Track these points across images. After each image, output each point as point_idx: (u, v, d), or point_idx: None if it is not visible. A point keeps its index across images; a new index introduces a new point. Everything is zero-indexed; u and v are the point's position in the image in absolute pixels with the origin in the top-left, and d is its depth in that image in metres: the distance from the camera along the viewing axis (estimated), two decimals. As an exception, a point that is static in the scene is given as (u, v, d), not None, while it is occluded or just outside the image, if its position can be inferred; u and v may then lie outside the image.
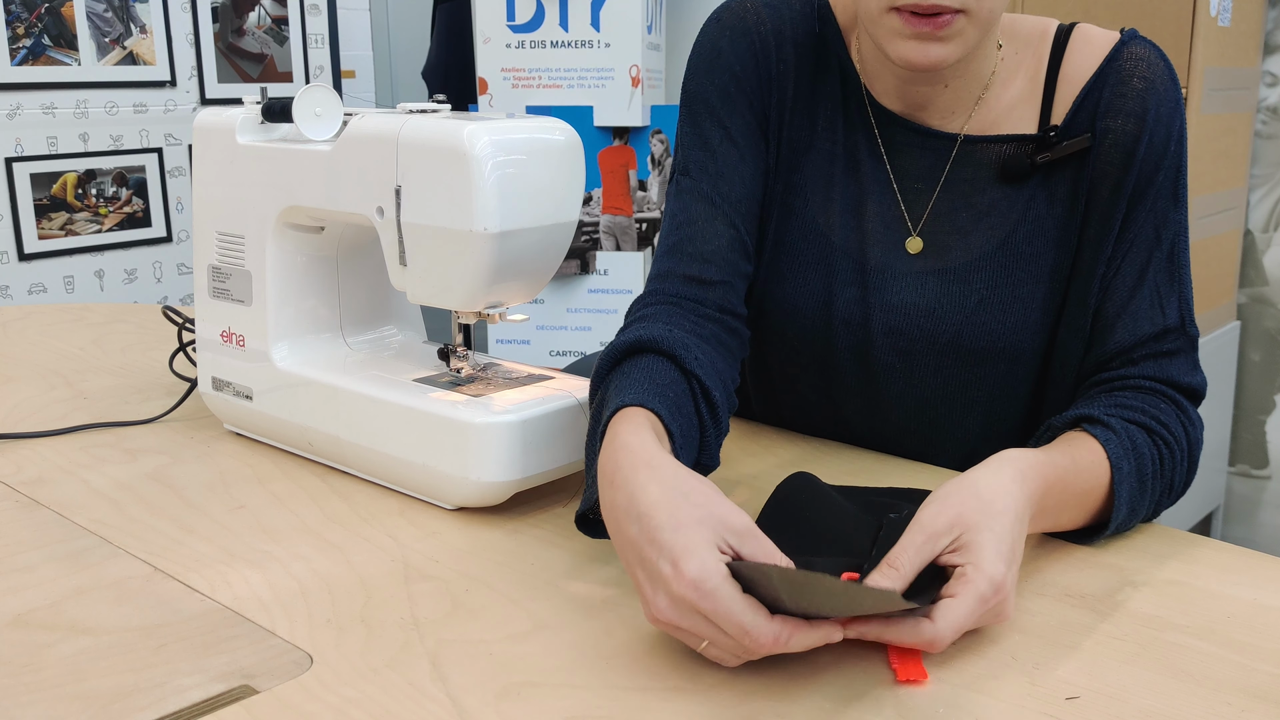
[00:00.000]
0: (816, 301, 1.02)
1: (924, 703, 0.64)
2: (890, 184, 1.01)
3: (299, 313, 1.05)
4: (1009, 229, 0.98)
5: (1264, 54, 2.46)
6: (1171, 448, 0.88)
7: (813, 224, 1.02)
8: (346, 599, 0.77)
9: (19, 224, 2.73)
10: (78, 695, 0.65)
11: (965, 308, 0.98)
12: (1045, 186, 0.97)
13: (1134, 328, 0.94)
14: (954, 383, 1.01)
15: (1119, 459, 0.84)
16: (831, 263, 1.01)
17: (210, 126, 1.07)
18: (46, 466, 1.02)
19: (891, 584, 0.68)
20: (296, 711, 0.63)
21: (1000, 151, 0.98)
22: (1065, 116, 0.97)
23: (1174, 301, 0.95)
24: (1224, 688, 0.66)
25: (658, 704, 0.64)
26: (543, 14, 2.86)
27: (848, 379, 1.04)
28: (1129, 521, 0.86)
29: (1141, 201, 0.95)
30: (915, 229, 1.00)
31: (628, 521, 0.68)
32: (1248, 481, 2.59)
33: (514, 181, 0.88)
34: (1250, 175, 2.50)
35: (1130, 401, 0.91)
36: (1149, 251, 0.95)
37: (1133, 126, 0.94)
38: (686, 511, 0.66)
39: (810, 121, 1.03)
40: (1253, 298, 2.53)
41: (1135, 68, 0.95)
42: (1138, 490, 0.85)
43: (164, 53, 2.94)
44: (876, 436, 1.06)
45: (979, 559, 0.69)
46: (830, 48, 1.02)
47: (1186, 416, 0.92)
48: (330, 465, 1.02)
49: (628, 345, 0.86)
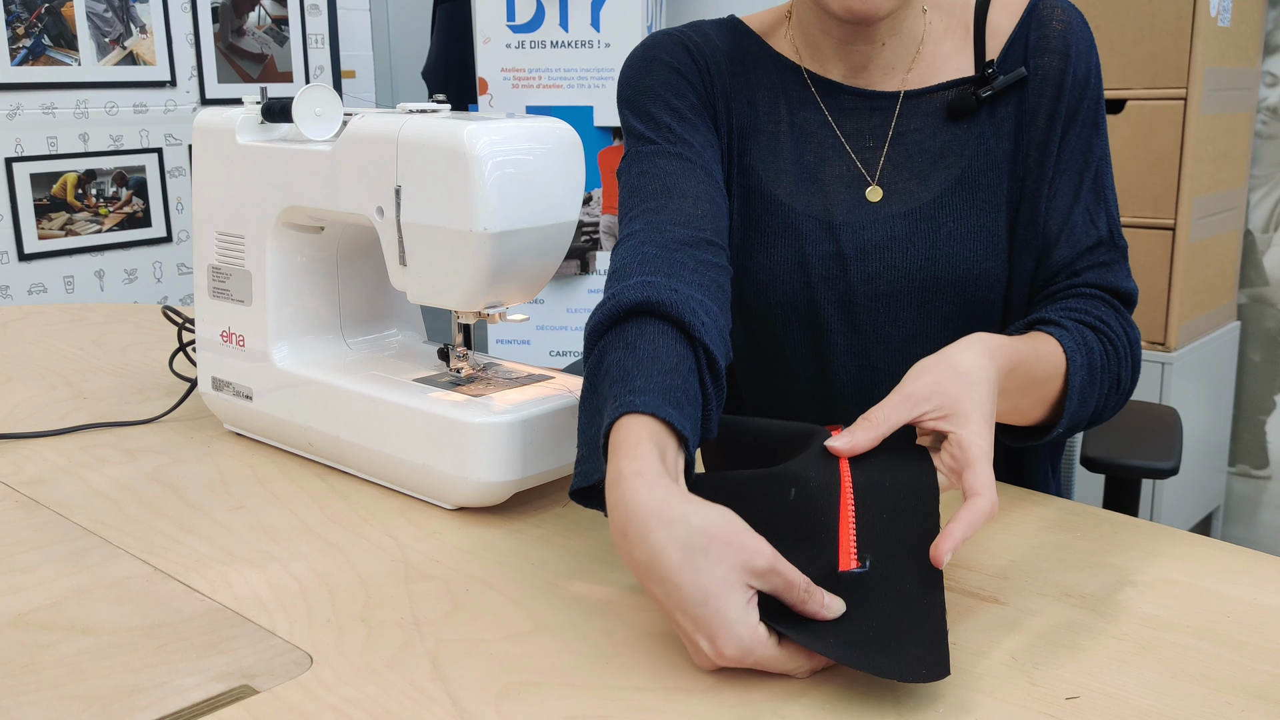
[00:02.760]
0: (791, 266, 1.08)
1: (924, 703, 0.64)
2: (843, 146, 1.09)
3: (299, 313, 1.05)
4: (964, 165, 1.06)
5: (1264, 54, 2.46)
6: (1116, 345, 0.98)
7: (771, 197, 1.09)
8: (346, 599, 0.77)
9: (19, 224, 2.73)
10: (78, 695, 0.65)
11: (936, 240, 1.05)
12: (991, 123, 1.06)
13: (1073, 242, 1.04)
14: (935, 316, 1.07)
15: (1073, 351, 0.93)
16: (799, 228, 1.07)
17: (210, 126, 1.07)
18: (46, 466, 1.02)
19: (866, 433, 0.78)
20: (296, 711, 0.63)
21: (943, 97, 1.08)
22: (998, 57, 1.07)
23: (1103, 217, 1.06)
24: (1224, 688, 0.66)
25: (658, 704, 0.64)
26: (543, 14, 2.86)
27: (834, 334, 1.09)
28: (1079, 412, 0.94)
29: (1070, 128, 1.05)
30: (874, 179, 1.07)
31: (651, 582, 0.68)
32: (1248, 481, 2.59)
33: (514, 181, 0.88)
34: (1250, 175, 2.50)
35: (1076, 305, 1.01)
36: (1079, 174, 1.06)
37: (1058, 62, 1.05)
38: (709, 574, 0.65)
39: (751, 109, 1.11)
40: (1253, 298, 2.53)
41: (1052, 13, 1.07)
42: (1088, 381, 0.94)
43: (164, 53, 2.94)
44: (864, 387, 1.10)
45: (965, 424, 0.77)
46: (756, 52, 1.12)
47: (1125, 319, 1.02)
48: (330, 465, 1.02)
49: (632, 304, 0.83)
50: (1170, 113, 2.18)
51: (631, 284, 0.85)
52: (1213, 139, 2.26)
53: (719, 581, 0.65)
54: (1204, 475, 2.47)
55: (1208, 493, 2.51)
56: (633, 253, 0.92)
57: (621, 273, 0.90)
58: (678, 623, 0.67)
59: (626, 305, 0.83)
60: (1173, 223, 2.21)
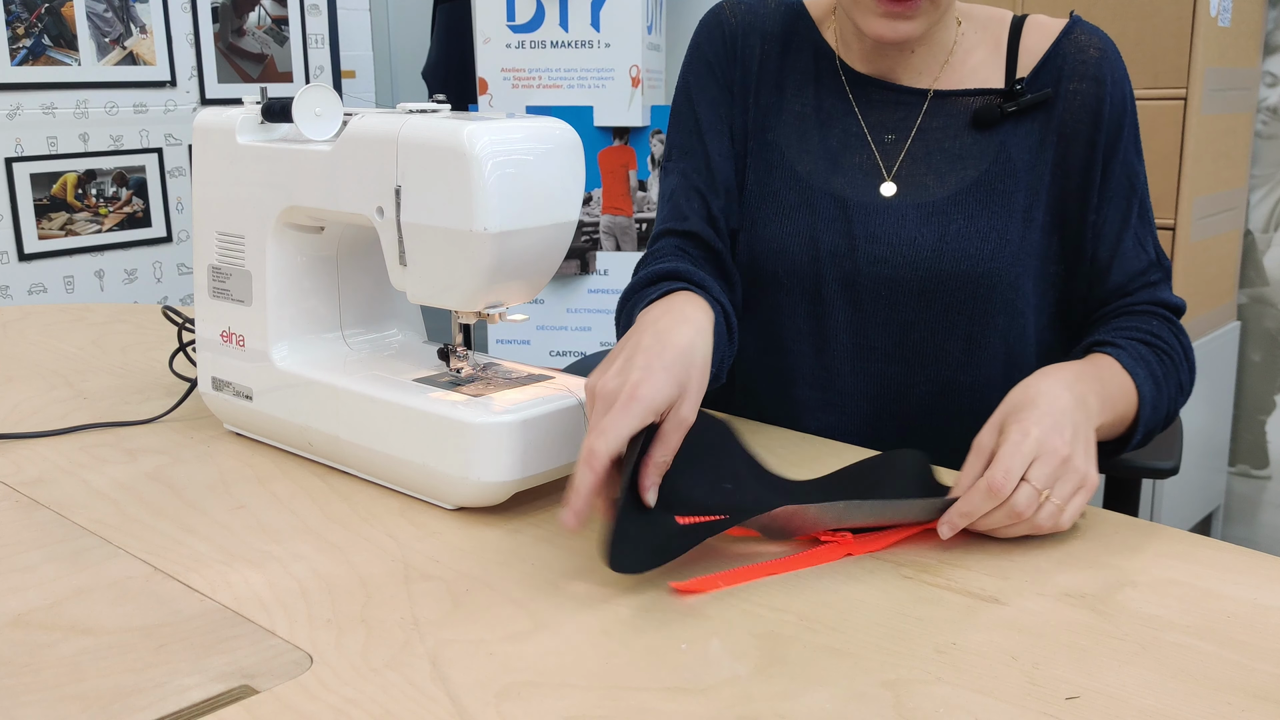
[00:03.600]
0: (803, 239, 1.13)
1: (924, 703, 0.64)
2: (865, 136, 1.14)
3: (299, 313, 1.05)
4: (982, 169, 1.10)
5: (1264, 54, 2.45)
6: (1170, 354, 1.04)
7: (791, 171, 1.14)
8: (346, 599, 0.77)
9: (19, 224, 2.73)
10: (78, 695, 0.65)
11: (945, 236, 1.09)
12: (1014, 135, 1.11)
13: (1125, 266, 1.10)
14: (936, 307, 1.10)
15: (1133, 366, 0.99)
16: (814, 204, 1.13)
17: (210, 126, 1.07)
18: (46, 466, 1.02)
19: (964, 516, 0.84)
20: (296, 711, 0.63)
21: (970, 103, 1.12)
22: (1029, 75, 1.11)
23: (1149, 240, 1.11)
24: (1224, 688, 0.66)
25: (658, 704, 0.64)
26: (543, 14, 2.86)
27: (835, 309, 1.13)
28: (1153, 419, 0.99)
29: (1113, 156, 1.10)
30: (889, 175, 1.12)
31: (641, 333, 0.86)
32: (1248, 481, 2.59)
33: (514, 181, 0.88)
34: (1250, 175, 2.50)
35: (1128, 324, 1.06)
36: (1127, 199, 1.10)
37: (1094, 89, 1.09)
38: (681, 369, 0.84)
39: (778, 90, 1.17)
40: (1253, 298, 2.53)
41: (1089, 40, 1.11)
42: (1155, 392, 0.99)
43: (164, 53, 2.94)
44: (859, 363, 1.14)
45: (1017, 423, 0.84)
46: (803, 34, 1.19)
47: (1176, 328, 1.08)
48: (330, 465, 1.02)
49: (663, 272, 1.04)
50: (1170, 113, 2.18)
51: (651, 266, 1.07)
52: (1213, 139, 2.26)
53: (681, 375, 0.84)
54: (1204, 475, 2.47)
55: (1208, 493, 2.51)
56: (649, 257, 1.14)
57: (639, 268, 1.11)
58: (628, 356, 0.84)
59: (658, 273, 1.04)
60: (1173, 223, 2.21)
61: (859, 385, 1.14)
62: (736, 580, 0.79)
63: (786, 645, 0.70)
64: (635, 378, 0.81)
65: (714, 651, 0.69)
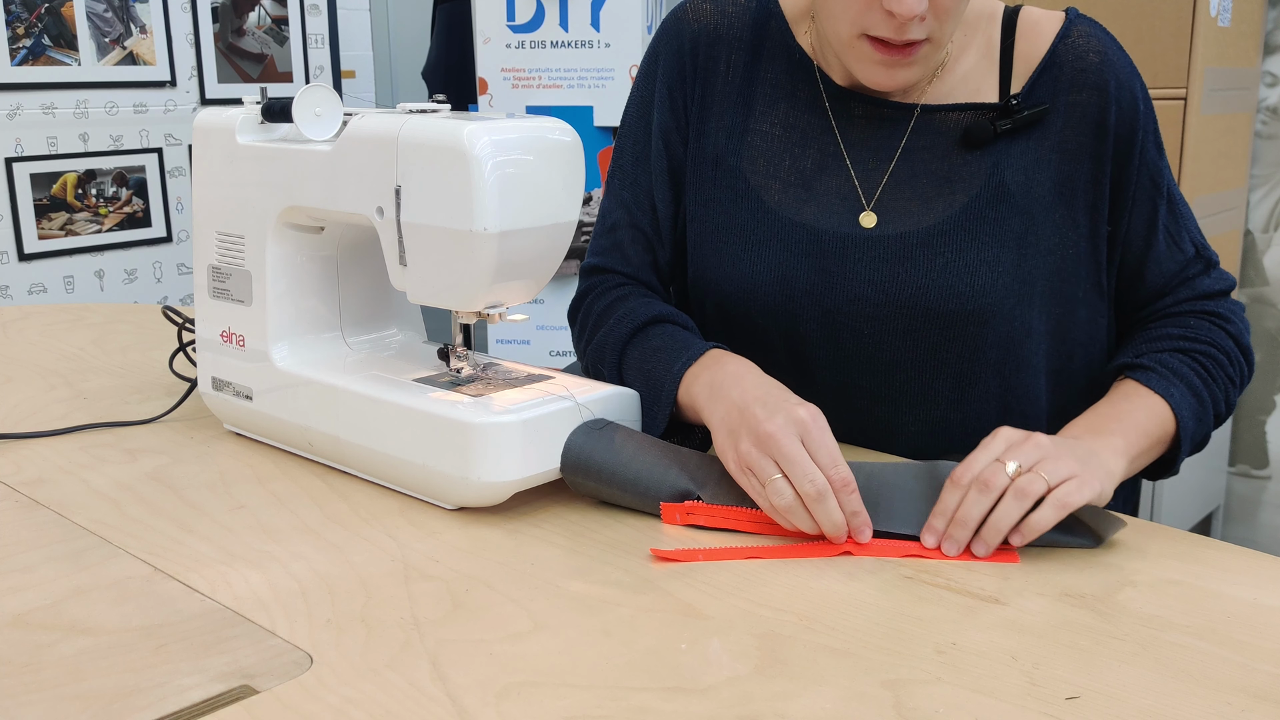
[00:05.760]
0: (774, 277, 1.04)
1: (924, 703, 0.64)
2: (843, 157, 1.04)
3: (299, 313, 1.05)
4: (971, 194, 1.01)
5: (1264, 54, 2.45)
6: (1211, 352, 1.00)
7: (758, 202, 1.05)
8: (346, 599, 0.77)
9: (19, 224, 2.73)
10: (78, 695, 0.65)
11: (931, 271, 1.00)
12: (1007, 154, 1.01)
13: (1159, 269, 1.04)
14: (924, 345, 1.03)
15: (1165, 387, 0.95)
16: (784, 237, 1.04)
17: (210, 126, 1.07)
18: (46, 466, 1.02)
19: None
20: (296, 711, 0.63)
21: (960, 119, 1.03)
22: (1024, 88, 1.02)
23: (1184, 237, 1.05)
24: (1224, 688, 0.66)
25: (658, 704, 0.64)
26: (543, 14, 2.85)
27: (817, 350, 1.05)
28: (1199, 430, 0.97)
29: (1129, 161, 1.02)
30: (869, 203, 1.03)
31: (734, 390, 0.90)
32: (1248, 481, 2.59)
33: (514, 181, 0.88)
34: (1250, 175, 2.50)
35: (1160, 331, 1.02)
36: (1153, 201, 1.03)
37: (1097, 99, 1.01)
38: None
39: (745, 107, 1.08)
40: (1253, 298, 2.53)
41: (1088, 44, 1.02)
42: (1195, 402, 0.96)
43: (164, 53, 2.94)
44: (847, 404, 1.06)
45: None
46: (776, 39, 1.08)
47: (1219, 318, 1.03)
48: (330, 465, 1.02)
49: (652, 316, 1.03)
50: (1170, 112, 2.18)
51: (627, 303, 1.07)
52: (1213, 139, 2.26)
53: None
54: (1204, 475, 2.47)
55: (1208, 493, 2.51)
56: (601, 287, 1.15)
57: (593, 298, 1.13)
58: (743, 413, 0.87)
59: (645, 318, 1.03)
60: (1173, 223, 2.21)
61: (845, 426, 1.06)
62: (719, 557, 0.82)
63: (786, 645, 0.70)
64: (789, 409, 0.85)
65: (714, 651, 0.69)
